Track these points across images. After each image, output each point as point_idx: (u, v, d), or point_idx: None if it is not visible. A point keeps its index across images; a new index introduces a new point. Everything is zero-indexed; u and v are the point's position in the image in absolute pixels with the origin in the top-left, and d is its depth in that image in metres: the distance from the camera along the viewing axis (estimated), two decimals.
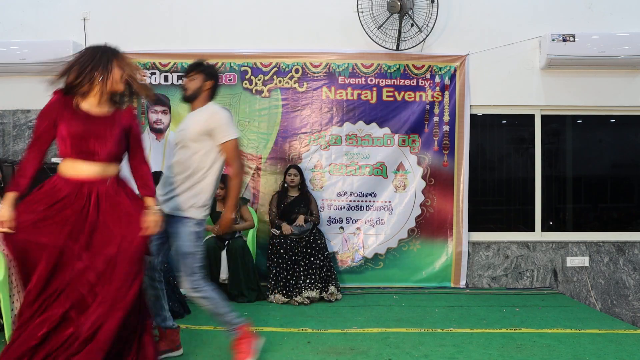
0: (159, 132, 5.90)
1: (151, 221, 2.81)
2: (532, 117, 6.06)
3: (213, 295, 3.31)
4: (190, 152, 3.28)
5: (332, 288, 5.14)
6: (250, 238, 5.42)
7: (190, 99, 3.41)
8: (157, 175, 5.51)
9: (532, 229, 6.05)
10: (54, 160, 5.82)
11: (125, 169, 2.96)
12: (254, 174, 5.86)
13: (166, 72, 5.89)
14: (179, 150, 3.34)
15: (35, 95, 5.92)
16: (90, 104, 2.83)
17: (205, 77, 3.39)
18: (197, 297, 3.27)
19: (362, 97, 5.88)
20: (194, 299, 3.29)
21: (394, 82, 5.88)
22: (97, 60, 2.86)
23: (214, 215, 5.43)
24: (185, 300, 4.70)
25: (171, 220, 3.26)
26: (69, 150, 2.75)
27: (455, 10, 5.87)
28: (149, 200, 2.89)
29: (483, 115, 6.05)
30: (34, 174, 2.78)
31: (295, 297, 5.00)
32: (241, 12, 5.94)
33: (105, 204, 2.75)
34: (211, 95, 3.45)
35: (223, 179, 5.35)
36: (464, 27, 5.90)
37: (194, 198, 3.28)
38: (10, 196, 2.70)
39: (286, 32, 5.91)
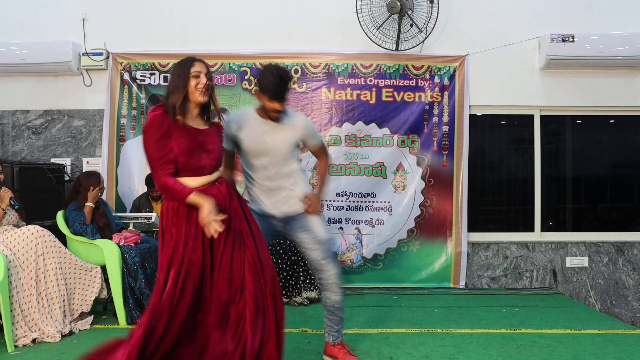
0: None
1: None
2: (531, 117, 6.06)
3: None
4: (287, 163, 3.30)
5: None
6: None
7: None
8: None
9: (532, 229, 6.05)
10: (53, 160, 5.83)
11: None
12: None
13: (165, 72, 5.88)
14: (277, 165, 3.27)
15: (35, 96, 5.97)
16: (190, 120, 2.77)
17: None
18: (339, 284, 3.33)
19: (362, 97, 5.88)
20: (335, 287, 3.33)
21: (393, 82, 5.88)
22: (177, 75, 2.75)
23: None
24: None
25: (292, 220, 3.31)
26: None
27: (455, 11, 5.87)
28: None
29: (482, 115, 6.05)
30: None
31: (295, 297, 5.00)
32: (241, 13, 5.94)
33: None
34: None
35: None
36: (463, 28, 5.90)
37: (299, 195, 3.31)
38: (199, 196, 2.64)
39: (285, 32, 5.92)
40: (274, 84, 3.06)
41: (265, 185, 3.26)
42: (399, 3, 5.51)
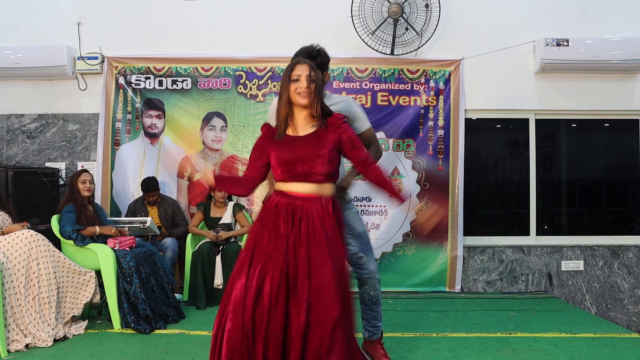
0: (153, 137, 5.88)
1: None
2: (526, 121, 6.07)
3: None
4: None
5: None
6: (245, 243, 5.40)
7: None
8: (154, 182, 5.52)
9: (527, 233, 6.06)
10: (47, 165, 5.81)
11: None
12: None
13: (160, 76, 5.88)
14: None
15: (29, 100, 5.95)
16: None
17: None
18: (378, 279, 3.28)
19: (357, 101, 5.87)
20: (373, 282, 3.27)
21: (388, 86, 5.89)
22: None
23: (208, 220, 5.42)
24: (179, 306, 4.69)
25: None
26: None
27: (450, 15, 5.88)
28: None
29: (477, 119, 6.06)
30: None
31: None
32: (236, 17, 5.94)
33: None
34: None
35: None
36: (458, 32, 5.91)
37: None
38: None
39: (281, 36, 5.91)
40: None
41: None
42: (401, 8, 5.53)
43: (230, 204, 5.44)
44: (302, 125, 2.75)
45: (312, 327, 2.48)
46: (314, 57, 3.24)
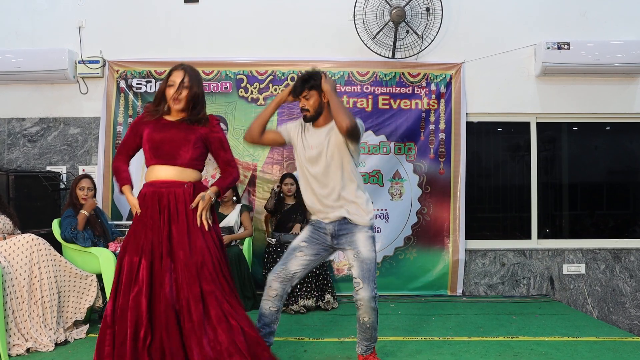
0: None
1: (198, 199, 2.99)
2: (527, 124, 6.07)
3: (377, 308, 3.31)
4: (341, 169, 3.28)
5: (328, 296, 5.12)
6: (246, 246, 5.40)
7: (314, 119, 3.31)
8: None
9: (529, 237, 6.05)
10: (48, 168, 5.81)
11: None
12: (249, 182, 5.86)
13: (161, 80, 5.84)
14: (328, 170, 3.27)
15: (31, 104, 5.96)
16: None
17: (319, 91, 3.26)
18: (372, 307, 3.26)
19: (358, 105, 5.89)
20: (367, 309, 3.26)
21: (389, 90, 5.89)
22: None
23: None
24: None
25: (344, 228, 3.28)
26: None
27: (451, 19, 5.88)
28: (210, 188, 3.08)
29: (479, 122, 6.06)
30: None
31: (292, 305, 4.97)
32: (237, 21, 5.95)
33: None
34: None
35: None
36: (459, 35, 5.92)
37: (362, 206, 3.28)
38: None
39: (281, 40, 5.92)
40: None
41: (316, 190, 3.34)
42: (404, 12, 5.54)
43: (238, 206, 5.44)
44: (178, 115, 3.09)
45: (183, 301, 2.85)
46: (307, 80, 3.28)
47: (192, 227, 2.94)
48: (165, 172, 2.97)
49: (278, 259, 5.02)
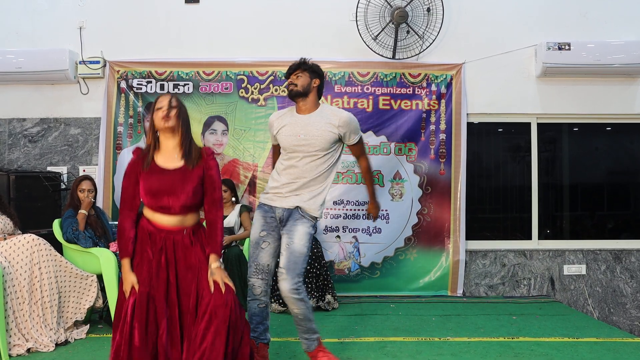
0: None
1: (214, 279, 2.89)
2: (528, 125, 6.07)
3: (307, 299, 3.30)
4: (316, 159, 3.31)
5: (328, 297, 5.12)
6: (246, 247, 5.39)
7: (299, 95, 3.36)
8: None
9: (529, 237, 6.04)
10: (49, 169, 5.82)
11: None
12: (249, 182, 5.86)
13: (162, 80, 5.88)
14: (302, 159, 3.32)
15: (31, 104, 5.96)
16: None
17: (311, 75, 3.37)
18: (295, 298, 3.23)
19: (358, 105, 5.88)
20: (290, 301, 3.23)
21: (390, 90, 5.89)
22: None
23: None
24: None
25: (290, 216, 3.30)
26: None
27: (452, 19, 5.88)
28: (211, 258, 2.92)
29: (479, 123, 6.06)
30: None
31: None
32: (237, 21, 5.95)
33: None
34: (319, 95, 3.43)
35: (225, 182, 5.36)
36: (460, 36, 5.92)
37: (314, 199, 3.31)
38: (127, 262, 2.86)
39: (282, 40, 5.92)
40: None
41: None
42: (407, 12, 5.54)
43: (238, 206, 5.44)
44: (171, 156, 2.90)
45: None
46: (304, 63, 3.41)
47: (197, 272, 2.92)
48: (167, 221, 2.88)
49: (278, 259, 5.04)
